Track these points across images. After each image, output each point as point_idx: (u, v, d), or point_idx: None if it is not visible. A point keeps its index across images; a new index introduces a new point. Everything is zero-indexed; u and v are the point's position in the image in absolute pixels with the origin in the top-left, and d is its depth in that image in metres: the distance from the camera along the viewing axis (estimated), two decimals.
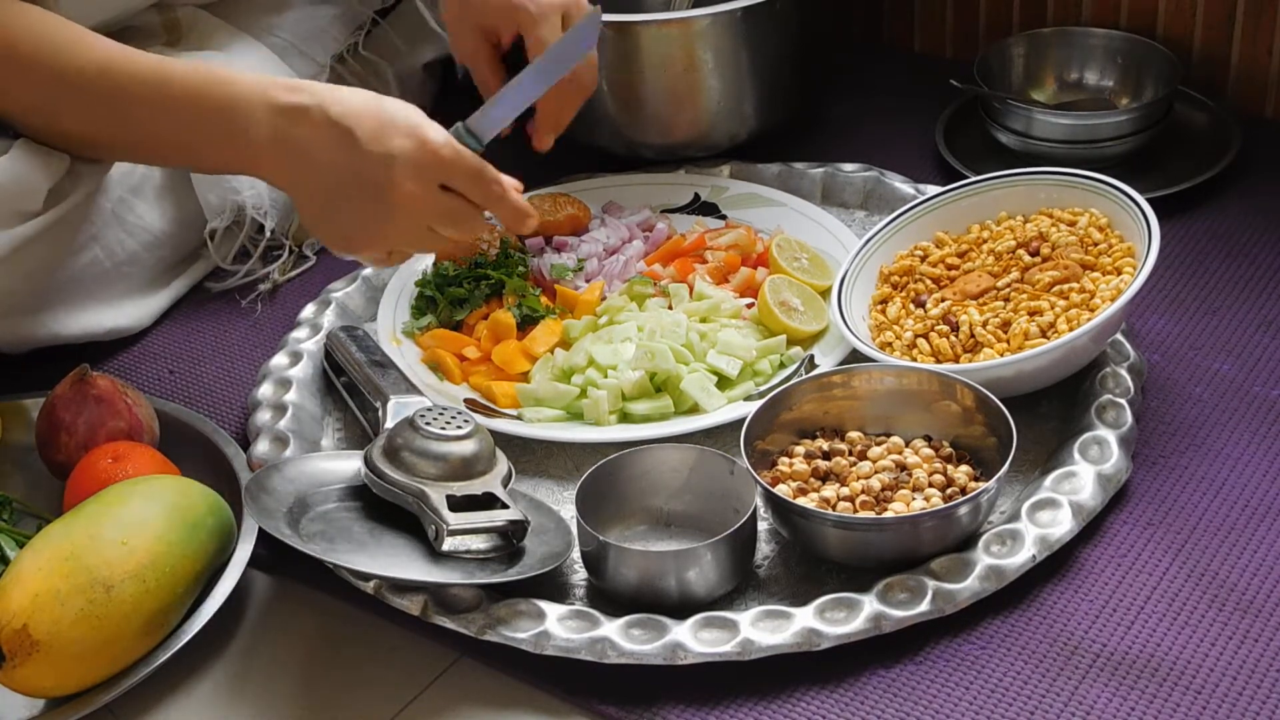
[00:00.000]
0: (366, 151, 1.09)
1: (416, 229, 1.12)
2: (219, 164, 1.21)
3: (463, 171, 1.11)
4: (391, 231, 1.12)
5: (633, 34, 1.38)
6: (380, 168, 1.08)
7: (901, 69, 1.65)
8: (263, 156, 1.12)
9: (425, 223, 1.11)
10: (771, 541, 1.08)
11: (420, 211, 1.10)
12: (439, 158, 1.10)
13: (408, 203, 1.09)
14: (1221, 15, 1.47)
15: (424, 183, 1.09)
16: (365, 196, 1.10)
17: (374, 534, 1.04)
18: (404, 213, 1.10)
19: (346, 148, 1.09)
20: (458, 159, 1.10)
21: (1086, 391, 1.14)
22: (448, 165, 1.10)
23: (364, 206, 1.10)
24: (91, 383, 1.14)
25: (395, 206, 1.09)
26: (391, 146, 1.09)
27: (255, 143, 1.11)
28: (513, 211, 1.14)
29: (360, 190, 1.10)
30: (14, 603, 0.96)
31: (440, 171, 1.10)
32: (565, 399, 1.18)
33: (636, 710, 0.97)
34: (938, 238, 1.25)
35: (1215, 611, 0.99)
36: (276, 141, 1.11)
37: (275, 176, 1.15)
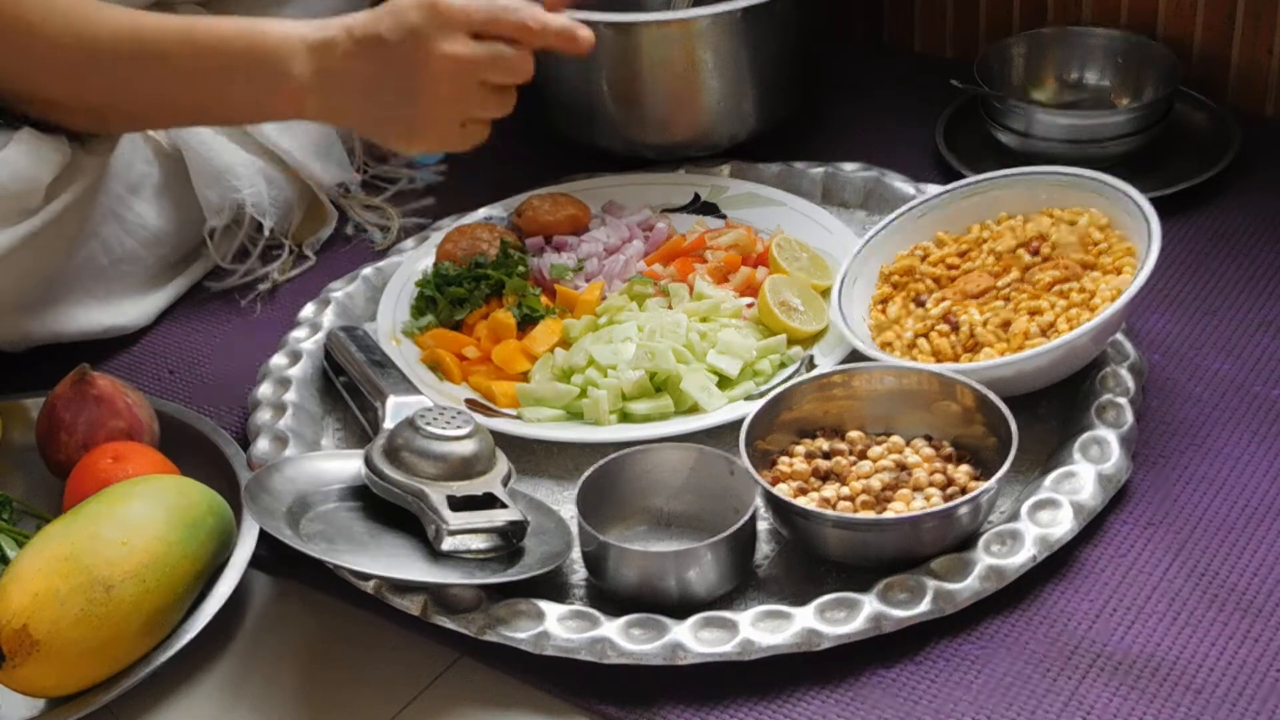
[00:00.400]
0: (391, 43, 1.11)
1: (468, 89, 1.12)
2: (259, 111, 1.21)
3: (484, 14, 1.11)
4: (445, 105, 1.13)
5: (633, 34, 1.38)
6: (409, 49, 1.11)
7: (901, 69, 1.65)
8: (306, 95, 1.14)
9: (474, 79, 1.12)
10: (771, 541, 1.08)
11: (462, 70, 1.11)
12: (453, 10, 1.11)
13: (447, 66, 1.11)
14: (1221, 15, 1.47)
15: (453, 40, 1.11)
16: (408, 84, 1.12)
17: (374, 534, 1.04)
18: (447, 78, 1.11)
19: (375, 49, 1.12)
20: (471, 3, 1.11)
21: (1086, 391, 1.14)
22: (467, 13, 1.11)
23: (410, 94, 1.12)
24: (91, 383, 1.14)
25: (437, 76, 1.11)
26: (410, 24, 1.11)
27: (299, 83, 1.13)
28: (559, 34, 1.14)
29: (401, 80, 1.12)
30: (14, 603, 0.96)
31: (463, 22, 1.11)
32: (565, 399, 1.18)
33: (636, 710, 0.97)
34: (938, 237, 1.25)
35: (1215, 611, 0.99)
36: (318, 76, 1.13)
37: (323, 111, 1.16)
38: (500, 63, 1.12)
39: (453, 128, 1.15)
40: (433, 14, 1.11)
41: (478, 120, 1.16)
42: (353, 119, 1.18)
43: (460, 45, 1.11)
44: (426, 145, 1.18)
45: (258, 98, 1.16)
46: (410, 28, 1.11)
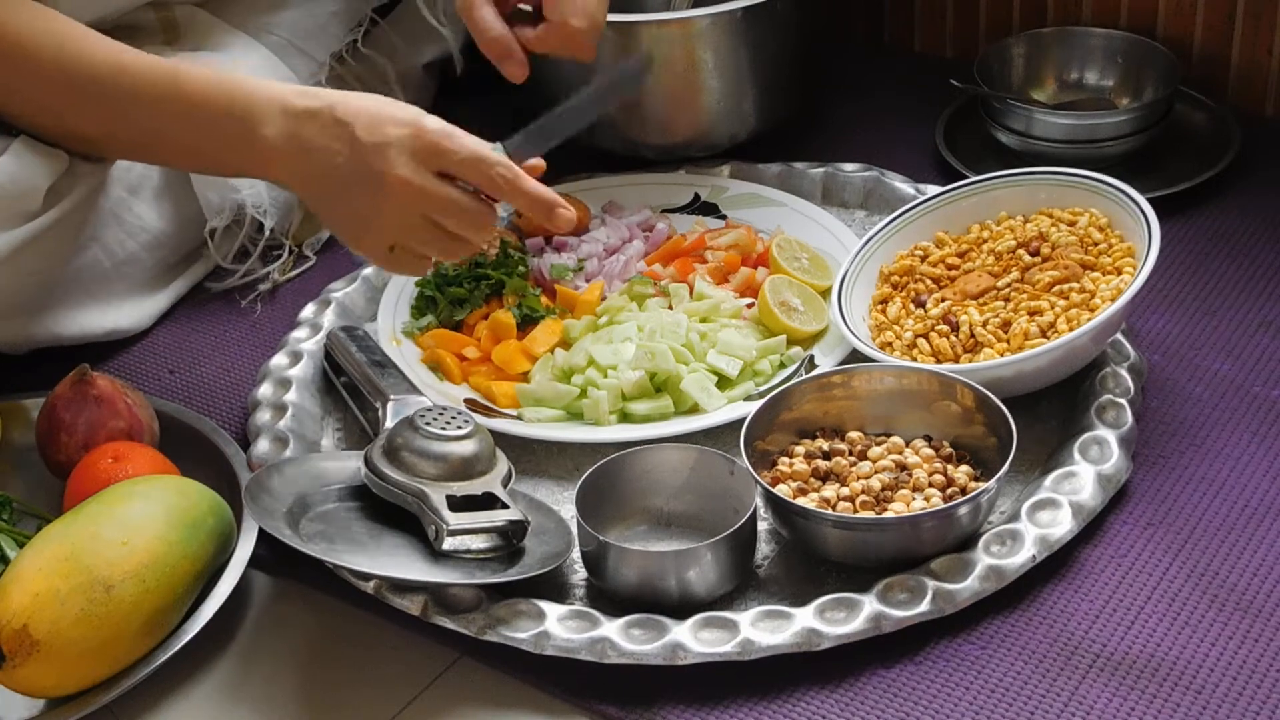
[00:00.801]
0: (364, 143, 1.09)
1: (411, 218, 1.10)
2: (229, 166, 1.21)
3: (460, 155, 1.09)
4: (387, 222, 1.10)
5: (633, 34, 1.38)
6: (376, 156, 1.08)
7: (901, 69, 1.65)
8: (274, 157, 1.12)
9: (420, 211, 1.09)
10: (771, 541, 1.08)
11: (415, 199, 1.09)
12: (433, 141, 1.08)
13: (400, 189, 1.08)
14: (1221, 15, 1.47)
15: (418, 168, 1.08)
16: (362, 186, 1.09)
17: (374, 534, 1.04)
18: (397, 200, 1.08)
19: (347, 140, 1.09)
20: (453, 141, 1.09)
21: (1086, 391, 1.14)
22: (443, 149, 1.08)
23: (361, 196, 1.10)
24: (91, 383, 1.14)
25: (388, 194, 1.08)
26: (387, 134, 1.09)
27: (268, 144, 1.12)
28: (531, 201, 1.11)
29: (358, 180, 1.09)
30: (14, 603, 0.96)
31: (435, 156, 1.09)
32: (565, 399, 1.18)
33: (636, 710, 0.97)
34: (938, 238, 1.25)
35: (1215, 611, 0.99)
36: (288, 140, 1.11)
37: (286, 177, 1.15)
38: (451, 208, 1.09)
39: (380, 248, 1.12)
40: (412, 135, 1.09)
41: (411, 252, 1.13)
42: (311, 195, 1.14)
43: (420, 175, 1.08)
44: (359, 251, 1.15)
45: (229, 152, 1.15)
46: (385, 136, 1.08)
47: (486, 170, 1.10)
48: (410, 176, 1.08)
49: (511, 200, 1.11)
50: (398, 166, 1.08)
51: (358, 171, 1.09)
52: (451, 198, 1.09)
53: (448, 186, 1.09)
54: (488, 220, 1.12)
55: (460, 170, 1.09)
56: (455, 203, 1.10)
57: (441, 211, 1.10)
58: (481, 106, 1.62)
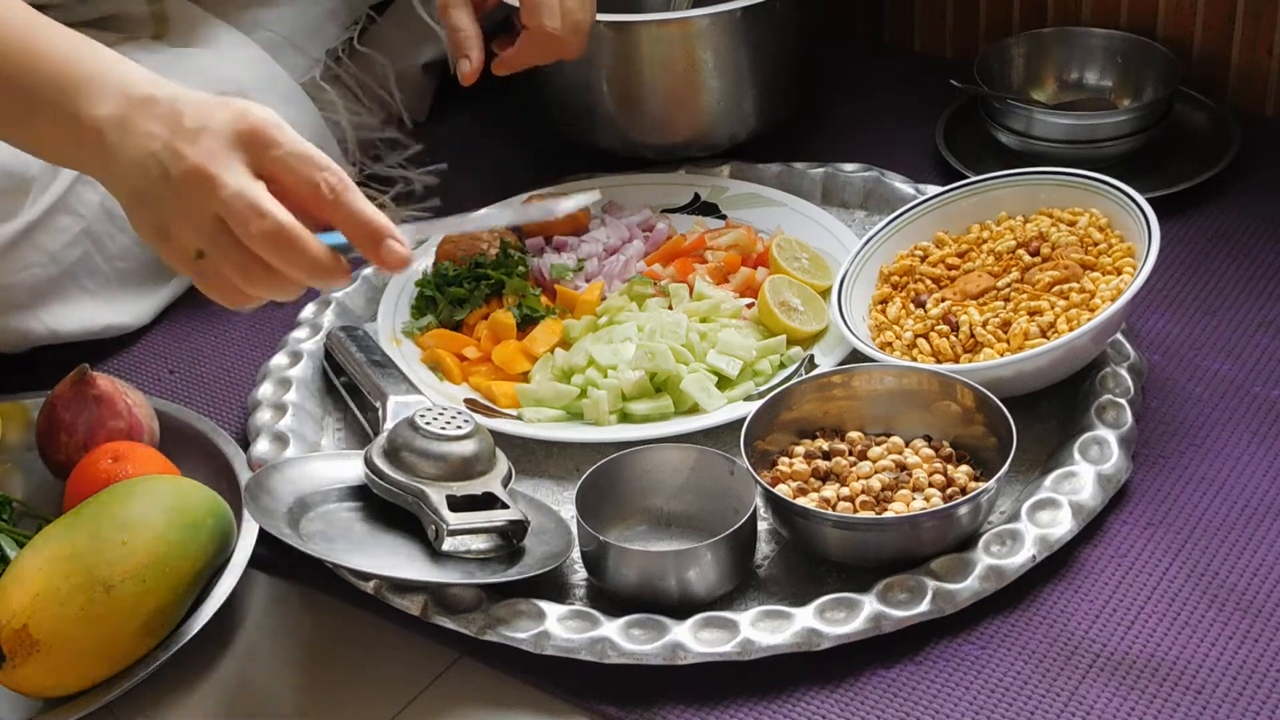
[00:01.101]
0: (184, 128, 0.92)
1: (203, 218, 0.90)
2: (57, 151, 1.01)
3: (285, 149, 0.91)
4: (180, 220, 0.91)
5: (633, 34, 1.38)
6: (187, 140, 0.91)
7: (901, 69, 1.65)
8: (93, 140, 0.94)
9: (213, 209, 0.90)
10: (771, 541, 1.08)
11: (207, 192, 0.89)
12: (257, 128, 0.91)
13: (193, 177, 0.89)
14: (1221, 15, 1.47)
15: (225, 157, 0.90)
16: (164, 177, 0.91)
17: (374, 534, 1.04)
18: (189, 191, 0.89)
19: (170, 125, 0.92)
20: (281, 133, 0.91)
21: (1086, 391, 1.14)
22: (268, 137, 0.90)
23: (161, 186, 0.92)
24: (91, 383, 1.14)
25: (182, 182, 0.90)
26: (209, 118, 0.92)
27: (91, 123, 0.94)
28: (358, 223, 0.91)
29: (162, 170, 0.92)
30: (14, 602, 0.96)
31: (257, 145, 0.91)
32: (565, 399, 1.18)
33: (636, 710, 0.97)
34: (938, 238, 1.25)
35: (1215, 611, 0.99)
36: (114, 126, 0.94)
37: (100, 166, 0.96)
38: (234, 204, 0.88)
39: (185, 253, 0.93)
40: (234, 120, 0.91)
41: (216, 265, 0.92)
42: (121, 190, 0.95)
43: (217, 161, 0.89)
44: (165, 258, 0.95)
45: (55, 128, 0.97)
46: (204, 121, 0.91)
47: (311, 172, 0.91)
48: (205, 161, 0.89)
49: (335, 217, 0.92)
50: (201, 152, 0.90)
51: (164, 159, 0.91)
52: (240, 191, 0.89)
53: (246, 180, 0.90)
54: (284, 235, 0.89)
55: (279, 166, 0.91)
56: (242, 196, 0.89)
57: (226, 208, 0.89)
58: (482, 107, 1.63)
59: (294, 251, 0.90)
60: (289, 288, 0.93)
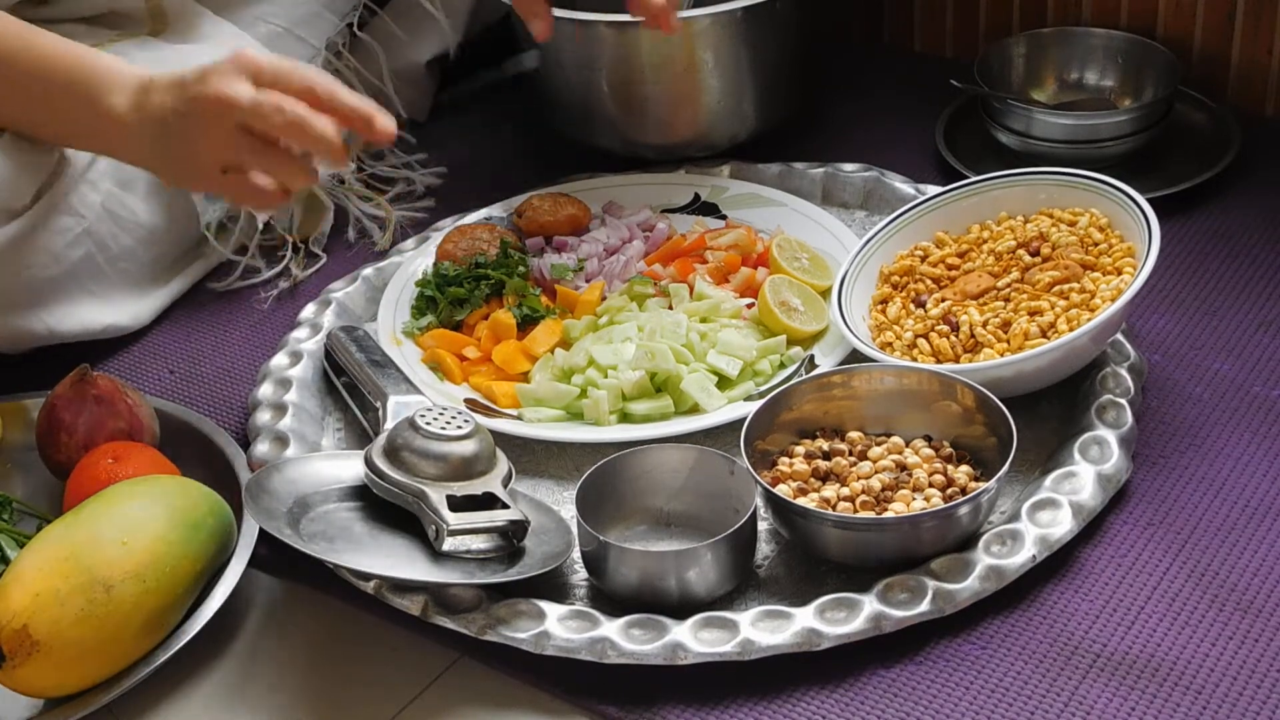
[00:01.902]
0: (188, 83, 1.09)
1: (225, 132, 1.07)
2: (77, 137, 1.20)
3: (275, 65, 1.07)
4: (207, 142, 1.08)
5: (633, 34, 1.38)
6: (195, 86, 1.08)
7: (901, 69, 1.65)
8: (119, 129, 1.13)
9: (235, 119, 1.06)
10: (771, 541, 1.08)
11: (226, 107, 1.06)
12: (249, 58, 1.07)
13: (211, 101, 1.07)
14: (1221, 15, 1.47)
15: (229, 81, 1.07)
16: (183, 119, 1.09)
17: (374, 534, 1.04)
18: (210, 113, 1.07)
19: (177, 88, 1.10)
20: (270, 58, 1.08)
21: (1086, 391, 1.14)
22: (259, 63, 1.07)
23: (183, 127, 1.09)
24: (91, 383, 1.14)
25: (202, 110, 1.07)
26: (209, 67, 1.09)
27: (114, 116, 1.12)
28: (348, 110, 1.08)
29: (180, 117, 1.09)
30: (14, 603, 0.96)
31: (252, 70, 1.07)
32: (565, 399, 1.18)
33: (636, 710, 0.97)
34: (938, 238, 1.25)
35: (1215, 611, 0.99)
36: (134, 111, 1.12)
37: (131, 148, 1.15)
38: (258, 109, 1.06)
39: (212, 171, 1.10)
40: (230, 59, 1.08)
41: (244, 174, 1.09)
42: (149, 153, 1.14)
43: (229, 85, 1.07)
44: (196, 184, 1.15)
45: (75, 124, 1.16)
46: (205, 69, 1.08)
47: (302, 80, 1.07)
48: (219, 88, 1.07)
49: (329, 109, 1.07)
50: (211, 84, 1.07)
51: (180, 108, 1.09)
52: (257, 99, 1.06)
53: (253, 90, 1.07)
54: (304, 122, 1.06)
55: (275, 80, 1.07)
56: (260, 103, 1.06)
57: (250, 114, 1.06)
58: (482, 107, 1.63)
59: (314, 130, 1.06)
60: (305, 170, 1.09)
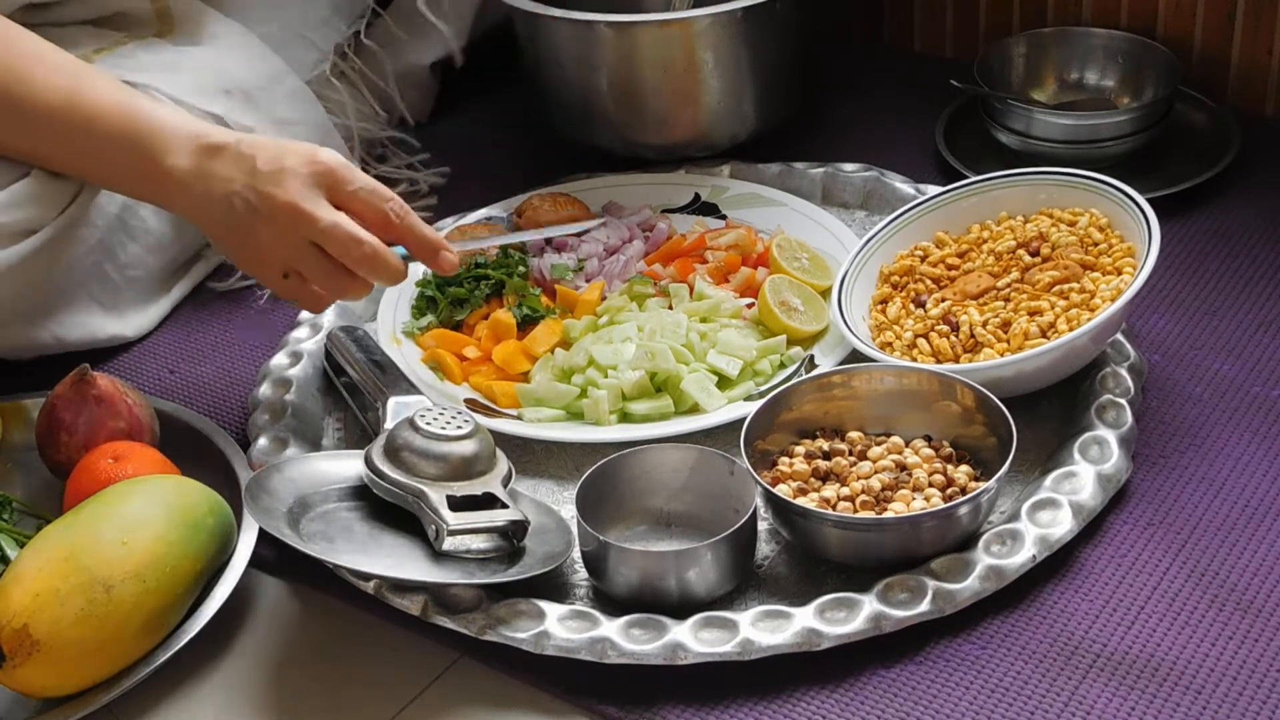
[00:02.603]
0: (261, 172, 1.10)
1: (296, 242, 1.09)
2: (127, 189, 1.21)
3: (356, 185, 1.10)
4: (274, 245, 1.10)
5: (633, 34, 1.38)
6: (270, 182, 1.09)
7: (901, 69, 1.65)
8: (176, 188, 1.13)
9: (306, 235, 1.09)
10: (771, 541, 1.08)
11: (299, 221, 1.09)
12: (329, 169, 1.10)
13: (285, 210, 1.09)
14: (1221, 15, 1.47)
15: (308, 193, 1.09)
16: (254, 213, 1.10)
17: (374, 534, 1.04)
18: (282, 222, 1.09)
19: (248, 170, 1.10)
20: (349, 171, 1.10)
21: (1086, 391, 1.14)
22: (339, 176, 1.10)
23: (252, 221, 1.10)
24: (91, 383, 1.14)
25: (274, 215, 1.09)
26: (284, 163, 1.10)
27: (175, 175, 1.13)
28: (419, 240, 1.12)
29: (250, 207, 1.10)
30: (14, 602, 0.96)
31: (331, 184, 1.10)
32: (565, 399, 1.18)
33: (636, 710, 0.97)
34: (938, 238, 1.25)
35: (1215, 611, 0.99)
36: (194, 173, 1.12)
37: (185, 207, 1.15)
38: (334, 234, 1.08)
39: (274, 273, 1.12)
40: (309, 161, 1.10)
41: (302, 280, 1.12)
42: (207, 223, 1.14)
43: (306, 199, 1.09)
44: (253, 275, 1.16)
45: (128, 179, 1.17)
46: (282, 165, 1.09)
47: (379, 202, 1.11)
48: (297, 200, 1.09)
49: (401, 237, 1.12)
50: (289, 191, 1.09)
51: (251, 199, 1.10)
52: (336, 222, 1.09)
53: (335, 213, 1.09)
54: (377, 256, 1.10)
55: (354, 200, 1.10)
56: (339, 228, 1.09)
57: (325, 237, 1.09)
58: (483, 107, 1.63)
59: (384, 266, 1.11)
60: (367, 289, 1.14)
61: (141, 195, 1.20)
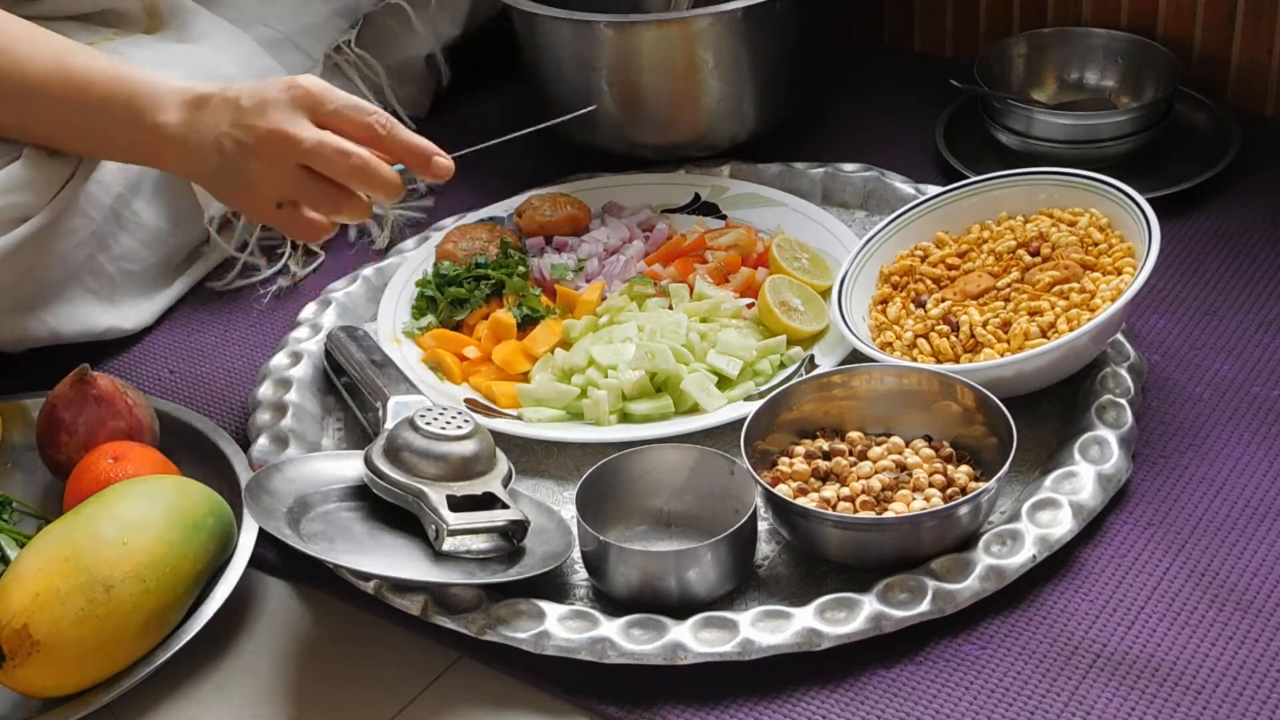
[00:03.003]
0: (244, 108, 1.10)
1: (286, 168, 1.09)
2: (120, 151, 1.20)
3: (336, 103, 1.09)
4: (265, 176, 1.10)
5: (633, 34, 1.38)
6: (253, 115, 1.09)
7: (901, 69, 1.65)
8: (167, 143, 1.13)
9: (294, 159, 1.08)
10: (771, 541, 1.08)
11: (286, 146, 1.08)
12: (308, 91, 1.09)
13: (271, 138, 1.08)
14: (1221, 15, 1.47)
15: (290, 118, 1.08)
16: (240, 148, 1.10)
17: (374, 534, 1.04)
18: (270, 150, 1.09)
19: (231, 110, 1.11)
20: (329, 93, 1.10)
21: (1086, 391, 1.14)
22: (319, 98, 1.09)
23: (240, 157, 1.10)
24: (91, 383, 1.14)
25: (261, 145, 1.09)
26: (265, 95, 1.10)
27: (163, 131, 1.13)
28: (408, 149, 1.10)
29: (237, 144, 1.10)
30: (14, 602, 0.96)
31: (312, 106, 1.09)
32: (565, 399, 1.18)
33: (636, 710, 0.97)
34: (938, 238, 1.25)
35: (1215, 611, 0.99)
36: (184, 126, 1.12)
37: (178, 162, 1.15)
38: (321, 151, 1.08)
39: (267, 205, 1.12)
40: (288, 90, 1.10)
41: (299, 209, 1.12)
42: (200, 172, 1.15)
43: (289, 123, 1.08)
44: (249, 214, 1.16)
45: (119, 142, 1.17)
46: (262, 96, 1.09)
47: (363, 117, 1.10)
48: (280, 125, 1.08)
49: (389, 149, 1.10)
50: (271, 119, 1.08)
51: (238, 135, 1.10)
52: (322, 139, 1.08)
53: (319, 131, 1.09)
54: (368, 167, 1.09)
55: (337, 118, 1.09)
56: (326, 144, 1.08)
57: (312, 156, 1.08)
58: (483, 105, 1.63)
59: (376, 177, 1.09)
60: (364, 208, 1.12)
61: (133, 157, 1.21)
